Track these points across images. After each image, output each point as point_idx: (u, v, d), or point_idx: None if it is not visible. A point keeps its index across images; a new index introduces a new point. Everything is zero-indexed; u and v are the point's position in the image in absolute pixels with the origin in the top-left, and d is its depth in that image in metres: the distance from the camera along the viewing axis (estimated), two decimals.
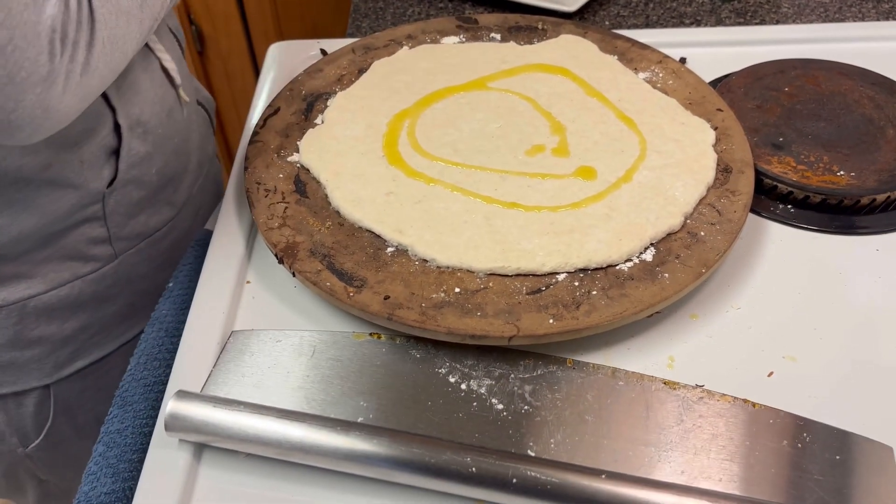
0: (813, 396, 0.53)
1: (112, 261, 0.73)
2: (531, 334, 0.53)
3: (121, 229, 0.72)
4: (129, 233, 0.73)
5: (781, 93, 0.73)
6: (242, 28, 1.61)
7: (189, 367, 0.56)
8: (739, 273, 0.61)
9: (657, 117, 0.68)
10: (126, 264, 0.74)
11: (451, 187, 0.63)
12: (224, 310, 0.59)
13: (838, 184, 0.64)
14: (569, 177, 0.63)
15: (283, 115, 0.71)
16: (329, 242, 0.59)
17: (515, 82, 0.73)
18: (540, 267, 0.56)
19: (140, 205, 0.73)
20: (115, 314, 0.76)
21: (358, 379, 0.54)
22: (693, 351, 0.56)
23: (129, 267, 0.74)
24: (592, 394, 0.53)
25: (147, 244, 0.76)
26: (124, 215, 0.72)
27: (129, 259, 0.74)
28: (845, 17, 0.90)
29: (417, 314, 0.54)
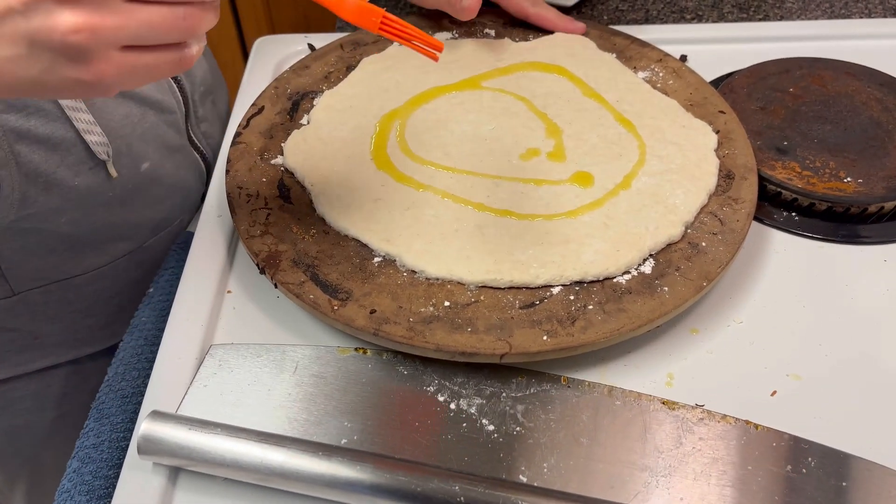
0: (818, 417, 0.51)
1: (8, 297, 0.69)
2: (524, 352, 0.50)
3: (18, 268, 0.67)
4: (31, 274, 0.69)
5: (786, 94, 0.71)
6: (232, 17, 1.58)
7: (166, 383, 0.54)
8: (741, 284, 0.59)
9: (657, 119, 0.65)
10: (30, 302, 0.70)
11: (441, 193, 0.60)
12: (203, 322, 0.56)
13: (845, 191, 0.62)
14: (565, 183, 0.61)
15: (268, 114, 0.68)
16: (313, 252, 0.57)
17: (510, 81, 0.70)
18: (534, 279, 0.54)
19: (48, 249, 0.68)
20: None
21: (342, 397, 0.51)
22: (693, 368, 0.54)
23: (35, 305, 0.71)
24: (588, 414, 0.51)
25: (70, 285, 0.71)
26: (21, 255, 0.67)
27: (34, 297, 0.70)
28: (851, 13, 0.87)
29: (405, 329, 0.51)
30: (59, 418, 0.79)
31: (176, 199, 0.74)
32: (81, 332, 0.75)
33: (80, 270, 0.70)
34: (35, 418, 0.78)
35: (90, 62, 0.38)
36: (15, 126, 0.57)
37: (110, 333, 0.76)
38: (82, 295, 0.72)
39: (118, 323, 0.76)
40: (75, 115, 0.60)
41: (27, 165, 0.59)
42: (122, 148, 0.65)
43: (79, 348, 0.76)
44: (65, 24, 0.36)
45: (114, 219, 0.69)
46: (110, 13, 0.37)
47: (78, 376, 0.78)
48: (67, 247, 0.68)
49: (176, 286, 0.62)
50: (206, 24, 0.41)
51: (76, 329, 0.74)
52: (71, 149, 0.61)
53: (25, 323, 0.71)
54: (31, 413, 0.77)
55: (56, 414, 0.79)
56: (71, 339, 0.75)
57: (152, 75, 0.41)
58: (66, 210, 0.65)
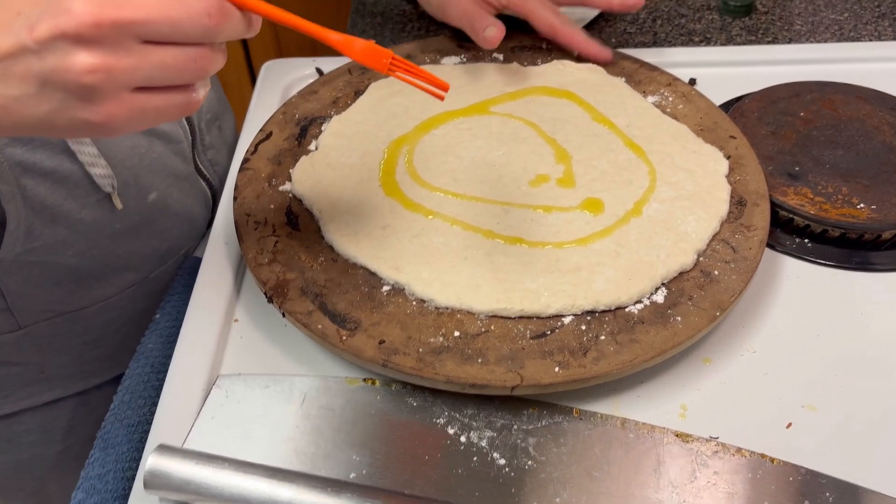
0: (835, 451, 0.50)
1: (14, 330, 0.68)
2: (536, 384, 0.50)
3: (24, 302, 0.67)
4: (38, 307, 0.68)
5: (797, 118, 0.70)
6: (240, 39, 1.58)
7: (173, 414, 0.53)
8: (754, 312, 0.58)
9: (667, 145, 0.65)
10: (37, 335, 0.70)
11: (450, 220, 0.59)
12: (210, 352, 0.56)
13: (858, 217, 0.61)
14: (575, 209, 0.60)
15: (276, 140, 0.68)
16: (321, 280, 0.56)
17: (518, 106, 0.69)
18: (545, 309, 0.53)
19: (54, 282, 0.67)
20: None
21: (351, 430, 0.51)
22: (706, 399, 0.53)
23: (41, 338, 0.70)
24: (600, 447, 0.50)
25: (75, 317, 0.71)
26: (27, 289, 0.66)
27: (41, 330, 0.70)
28: (861, 35, 0.86)
29: (414, 361, 0.51)
30: (66, 450, 0.78)
31: (183, 229, 0.74)
32: (88, 363, 0.74)
33: (87, 302, 0.70)
34: (41, 451, 0.77)
35: (101, 103, 0.38)
36: (21, 159, 0.57)
37: (117, 363, 0.76)
38: (89, 327, 0.72)
39: (124, 353, 0.75)
40: (79, 149, 0.59)
41: (33, 199, 0.59)
42: (129, 179, 0.65)
43: (85, 380, 0.75)
44: (81, 64, 0.36)
45: (120, 250, 0.68)
46: (126, 54, 0.37)
47: (84, 408, 0.77)
48: (74, 279, 0.67)
49: (182, 312, 0.62)
50: (215, 66, 0.41)
51: (83, 361, 0.74)
52: (76, 182, 0.61)
53: (31, 356, 0.70)
54: (36, 446, 0.77)
55: (62, 446, 0.78)
56: (77, 371, 0.74)
57: (160, 118, 0.41)
58: (73, 242, 0.64)
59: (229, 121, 0.84)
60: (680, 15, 0.91)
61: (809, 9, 0.91)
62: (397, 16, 0.95)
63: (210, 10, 0.38)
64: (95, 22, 0.36)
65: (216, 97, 0.81)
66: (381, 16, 0.95)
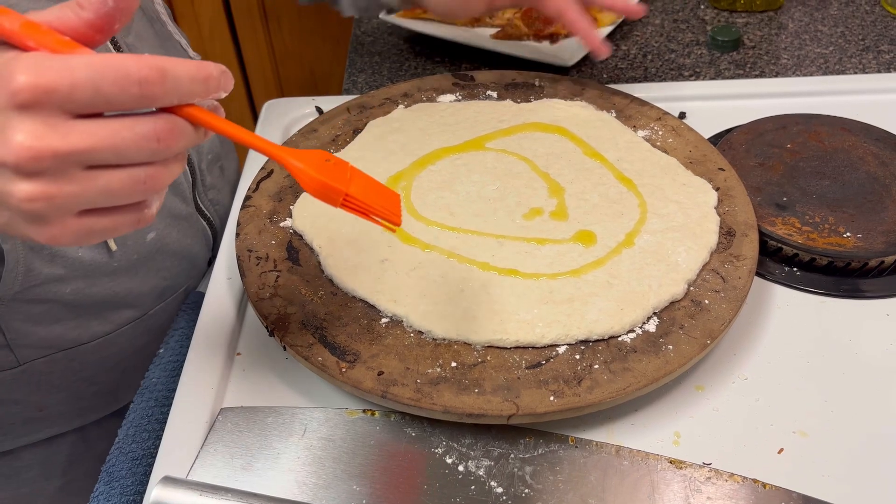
0: (826, 475, 0.51)
1: (13, 367, 0.69)
2: (531, 412, 0.51)
3: (23, 338, 0.67)
4: (36, 343, 0.68)
5: (784, 149, 0.72)
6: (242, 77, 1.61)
7: (177, 447, 0.54)
8: (745, 340, 0.59)
9: (657, 178, 0.67)
10: (35, 371, 0.70)
11: (447, 253, 0.61)
12: (213, 385, 0.57)
13: (845, 246, 0.63)
14: (568, 242, 0.62)
15: (277, 177, 0.70)
16: (322, 313, 0.58)
17: (512, 142, 0.71)
18: (540, 339, 0.55)
19: (53, 319, 0.68)
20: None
21: (351, 460, 0.52)
22: (699, 425, 0.54)
23: (40, 375, 0.70)
24: (596, 475, 0.51)
25: (76, 352, 0.71)
26: (27, 325, 0.67)
27: (39, 367, 0.70)
28: (846, 68, 0.89)
29: (412, 391, 0.52)
30: (66, 485, 0.79)
31: (182, 267, 0.75)
32: (86, 399, 0.75)
33: (86, 339, 0.70)
34: (41, 486, 0.78)
35: (45, 226, 0.38)
36: None
37: (114, 399, 0.77)
38: (87, 363, 0.72)
39: (122, 389, 0.76)
40: None
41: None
42: None
43: (83, 416, 0.76)
44: (21, 192, 0.36)
45: (118, 288, 0.69)
46: (68, 182, 0.36)
47: (84, 443, 0.78)
48: (73, 316, 0.68)
49: (186, 346, 0.63)
50: (168, 180, 0.40)
51: (80, 397, 0.74)
52: None
53: (30, 394, 0.71)
54: (36, 482, 0.77)
55: (62, 481, 0.78)
56: (76, 407, 0.75)
57: (110, 235, 0.40)
58: (71, 280, 0.65)
59: (232, 161, 0.86)
60: (670, 50, 0.94)
61: (795, 43, 0.94)
62: (395, 55, 0.97)
63: (159, 133, 0.37)
64: (34, 156, 0.35)
65: (219, 137, 0.82)
66: (378, 55, 0.98)
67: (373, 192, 0.45)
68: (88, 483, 0.79)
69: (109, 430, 0.78)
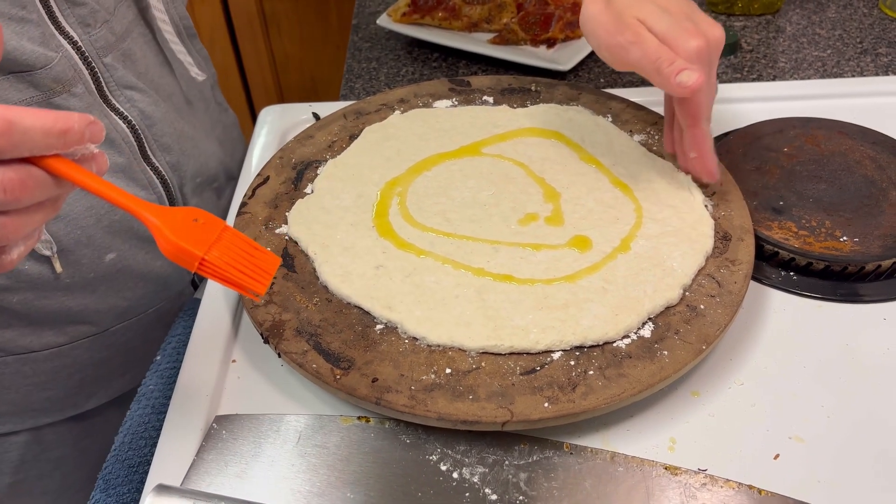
0: (822, 481, 0.50)
1: None
2: (526, 419, 0.51)
3: None
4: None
5: (781, 153, 0.72)
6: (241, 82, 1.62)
7: (171, 455, 0.54)
8: (741, 345, 0.59)
9: (653, 182, 0.67)
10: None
11: (442, 259, 0.61)
12: (209, 392, 0.57)
13: (842, 250, 0.62)
14: (563, 247, 0.62)
15: (273, 184, 0.70)
16: (316, 320, 0.58)
17: (508, 147, 0.71)
18: (534, 345, 0.54)
19: (4, 324, 0.67)
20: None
21: (345, 468, 0.52)
22: (695, 431, 0.54)
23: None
24: (591, 481, 0.51)
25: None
26: None
27: None
28: (843, 71, 0.89)
29: (407, 398, 0.52)
30: (15, 484, 0.77)
31: (149, 289, 0.73)
32: (37, 403, 0.73)
33: (38, 347, 0.69)
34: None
35: None
36: None
37: (69, 405, 0.75)
38: (39, 370, 0.71)
39: (79, 397, 0.75)
40: None
41: None
42: (81, 238, 0.65)
43: (35, 418, 0.74)
44: None
45: (72, 303, 0.68)
46: None
47: (38, 445, 0.76)
48: (24, 324, 0.67)
49: (182, 353, 0.63)
50: (29, 226, 0.39)
51: (31, 400, 0.72)
52: None
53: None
54: None
55: (12, 479, 0.77)
56: (27, 409, 0.73)
57: None
58: (17, 290, 0.64)
59: (231, 187, 0.83)
60: None
61: (793, 46, 0.94)
62: (392, 60, 0.97)
63: (6, 184, 0.36)
64: None
65: (230, 157, 0.81)
66: (376, 61, 0.98)
67: (241, 256, 0.44)
68: (39, 484, 0.78)
69: (66, 436, 0.77)
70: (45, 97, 0.61)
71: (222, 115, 0.85)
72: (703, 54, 0.59)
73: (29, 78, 0.59)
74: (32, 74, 0.59)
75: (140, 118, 0.68)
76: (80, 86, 0.63)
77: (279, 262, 0.46)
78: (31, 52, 0.58)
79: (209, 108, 0.81)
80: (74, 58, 0.62)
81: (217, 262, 0.42)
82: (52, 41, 0.60)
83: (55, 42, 0.60)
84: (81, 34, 0.62)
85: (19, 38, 0.58)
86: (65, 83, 0.61)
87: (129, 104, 0.67)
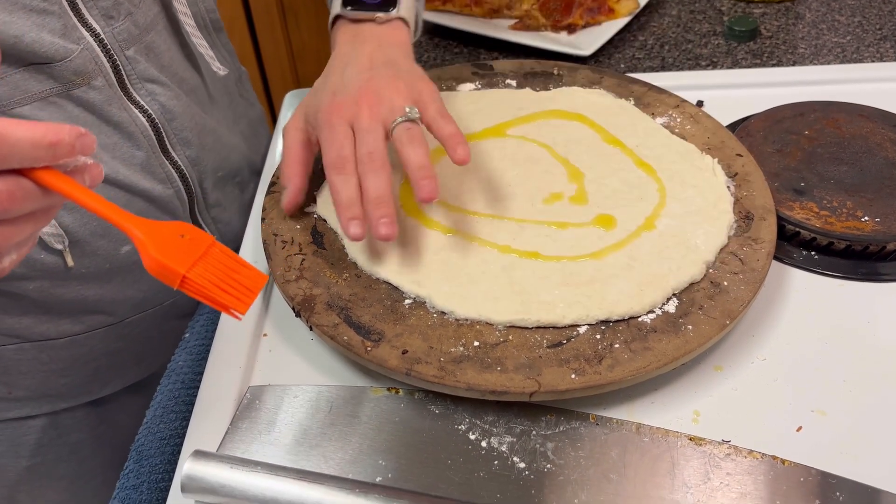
0: (844, 452, 0.51)
1: None
2: (553, 390, 0.52)
3: None
4: (5, 331, 0.68)
5: (801, 136, 0.73)
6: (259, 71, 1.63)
7: (206, 424, 0.55)
8: (763, 322, 0.60)
9: (676, 163, 0.67)
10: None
11: (468, 237, 0.62)
12: (241, 364, 0.58)
13: (863, 230, 0.63)
14: (588, 225, 0.63)
15: None
16: (346, 295, 0.59)
17: (532, 129, 0.72)
18: (560, 319, 0.56)
19: (21, 311, 0.67)
20: None
21: (376, 436, 0.53)
22: (719, 404, 0.55)
23: (8, 361, 0.69)
24: (616, 451, 0.52)
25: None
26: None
27: (8, 353, 0.69)
28: (863, 57, 0.89)
29: (436, 369, 0.53)
30: (34, 466, 0.78)
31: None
32: (55, 389, 0.73)
33: (55, 335, 0.69)
34: (9, 463, 0.77)
35: None
36: None
37: (86, 391, 0.76)
38: (56, 357, 0.71)
39: (95, 383, 0.75)
40: None
41: None
42: (97, 230, 0.65)
43: (53, 403, 0.75)
44: None
45: (88, 293, 0.68)
46: None
47: (55, 429, 0.77)
48: (42, 311, 0.67)
49: (211, 330, 0.64)
50: (19, 236, 0.39)
51: (49, 386, 0.73)
52: None
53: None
54: (5, 457, 0.76)
55: (30, 462, 0.78)
56: (44, 395, 0.73)
57: None
58: (34, 279, 0.64)
59: (255, 182, 0.82)
60: (687, 41, 0.94)
61: (813, 32, 0.94)
62: (413, 47, 0.98)
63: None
64: None
65: (254, 151, 0.80)
66: None
67: (225, 274, 0.43)
68: (59, 468, 0.79)
69: (84, 421, 0.77)
70: (64, 89, 0.60)
71: (248, 109, 0.85)
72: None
73: (48, 70, 0.58)
74: (52, 67, 0.58)
75: (160, 112, 0.67)
76: (100, 78, 0.62)
77: (266, 279, 0.46)
78: (50, 44, 0.57)
79: (233, 103, 0.81)
80: (96, 50, 0.61)
81: (199, 279, 0.42)
82: (74, 33, 0.59)
83: (77, 34, 0.60)
84: (104, 26, 0.61)
85: (39, 30, 0.57)
86: (85, 76, 0.61)
87: (150, 98, 0.66)
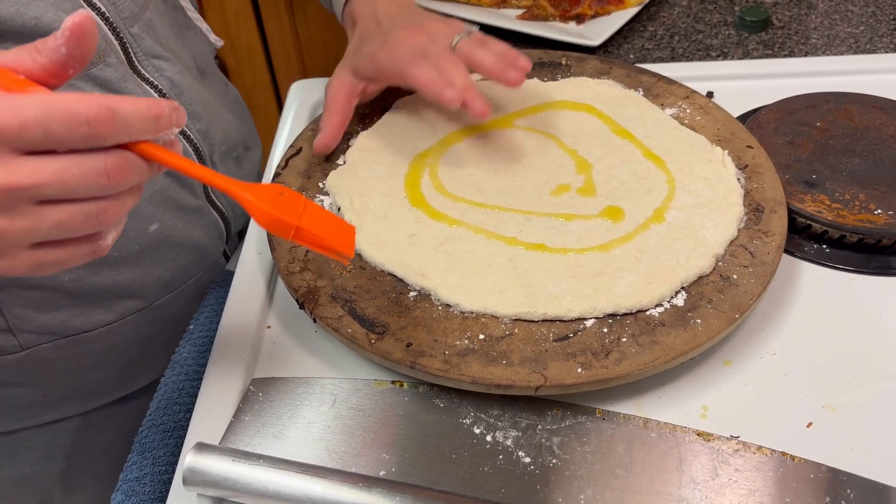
0: (855, 449, 0.51)
1: (16, 352, 0.68)
2: (559, 384, 0.51)
3: (25, 323, 0.67)
4: (39, 329, 0.68)
5: (813, 128, 0.71)
6: (266, 61, 1.62)
7: (209, 416, 0.55)
8: (773, 316, 0.59)
9: (686, 155, 0.66)
10: (37, 358, 0.70)
11: (474, 229, 0.61)
12: (244, 357, 0.58)
13: (876, 223, 0.62)
14: (596, 217, 0.62)
15: (305, 155, 0.70)
16: (350, 287, 0.58)
17: (539, 120, 0.72)
18: (567, 312, 0.55)
19: (55, 305, 0.67)
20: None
21: (380, 430, 0.52)
22: (727, 399, 0.54)
23: (43, 361, 0.70)
24: (623, 446, 0.51)
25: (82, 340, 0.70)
26: (27, 311, 0.66)
27: (43, 353, 0.69)
28: (877, 47, 0.88)
29: (441, 362, 0.52)
30: (69, 468, 0.78)
31: (190, 259, 0.73)
32: (89, 386, 0.74)
33: (89, 327, 0.70)
34: (44, 468, 0.77)
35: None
36: None
37: (119, 386, 0.76)
38: (91, 350, 0.71)
39: (126, 377, 0.75)
40: None
41: None
42: None
43: (86, 402, 0.75)
44: None
45: (120, 278, 0.68)
46: (18, 217, 0.37)
47: (88, 429, 0.77)
48: (75, 304, 0.68)
49: (216, 322, 0.64)
50: (122, 211, 0.40)
51: (84, 384, 0.73)
52: None
53: (33, 378, 0.70)
54: (39, 463, 0.77)
55: (65, 465, 0.78)
56: (78, 393, 0.74)
57: (63, 267, 0.41)
58: (69, 269, 0.64)
59: (255, 152, 0.84)
60: (697, 31, 0.93)
61: (825, 23, 0.93)
62: None
63: (109, 170, 0.38)
64: None
65: (240, 128, 0.81)
66: None
67: (326, 224, 0.46)
68: (93, 466, 0.79)
69: (115, 418, 0.78)
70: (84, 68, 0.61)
71: (227, 88, 0.86)
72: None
73: None
74: None
75: (169, 87, 0.68)
76: (112, 56, 0.63)
77: (354, 229, 0.48)
78: None
79: (218, 80, 0.82)
80: (104, 28, 0.62)
81: (310, 228, 0.45)
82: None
83: None
84: (108, 5, 0.63)
85: (56, 10, 0.58)
86: (100, 54, 0.62)
87: (158, 73, 0.67)
